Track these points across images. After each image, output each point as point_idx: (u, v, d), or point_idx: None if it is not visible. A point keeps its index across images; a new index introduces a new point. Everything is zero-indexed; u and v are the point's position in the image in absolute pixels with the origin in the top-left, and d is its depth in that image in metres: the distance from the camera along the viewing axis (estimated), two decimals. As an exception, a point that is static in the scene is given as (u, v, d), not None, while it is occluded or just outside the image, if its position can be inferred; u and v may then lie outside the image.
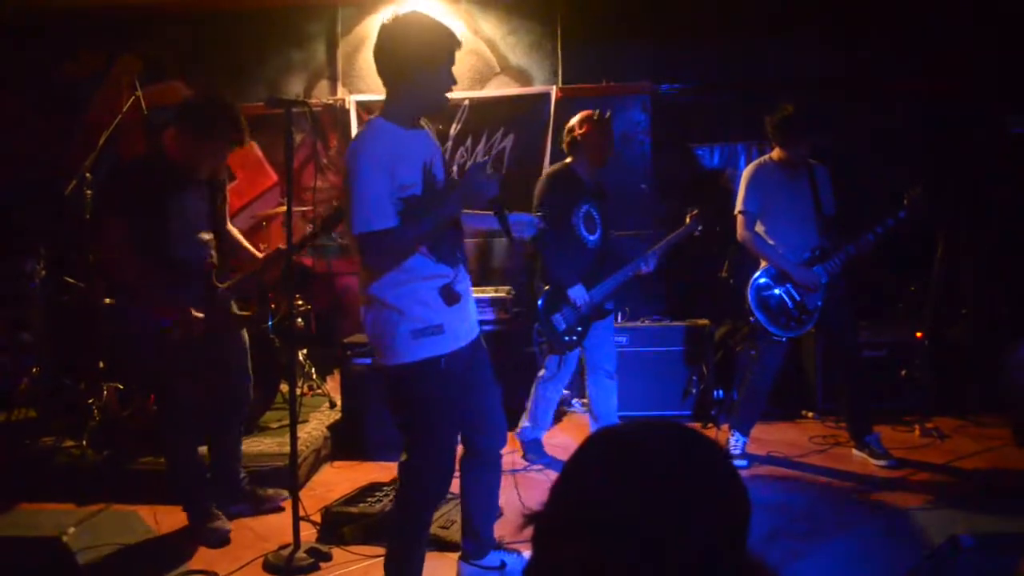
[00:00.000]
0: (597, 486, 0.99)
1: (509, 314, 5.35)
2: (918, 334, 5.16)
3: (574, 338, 4.35)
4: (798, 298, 4.30)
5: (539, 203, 4.34)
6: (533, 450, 4.60)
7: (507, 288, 5.57)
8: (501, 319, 5.30)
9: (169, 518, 3.76)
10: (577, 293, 4.26)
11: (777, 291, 4.33)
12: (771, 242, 4.35)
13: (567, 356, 4.43)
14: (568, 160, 4.45)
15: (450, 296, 2.74)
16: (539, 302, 4.32)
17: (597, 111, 4.45)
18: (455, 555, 3.34)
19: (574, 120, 4.42)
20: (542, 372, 4.54)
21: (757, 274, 4.39)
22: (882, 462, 4.33)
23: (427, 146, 2.79)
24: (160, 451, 3.89)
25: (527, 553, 3.10)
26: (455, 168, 6.16)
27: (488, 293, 5.44)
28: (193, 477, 3.65)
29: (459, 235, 2.90)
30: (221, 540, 3.55)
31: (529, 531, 1.03)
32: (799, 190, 4.35)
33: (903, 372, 5.10)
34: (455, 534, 3.45)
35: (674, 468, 1.00)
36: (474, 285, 5.63)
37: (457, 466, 3.04)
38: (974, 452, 4.50)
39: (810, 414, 5.25)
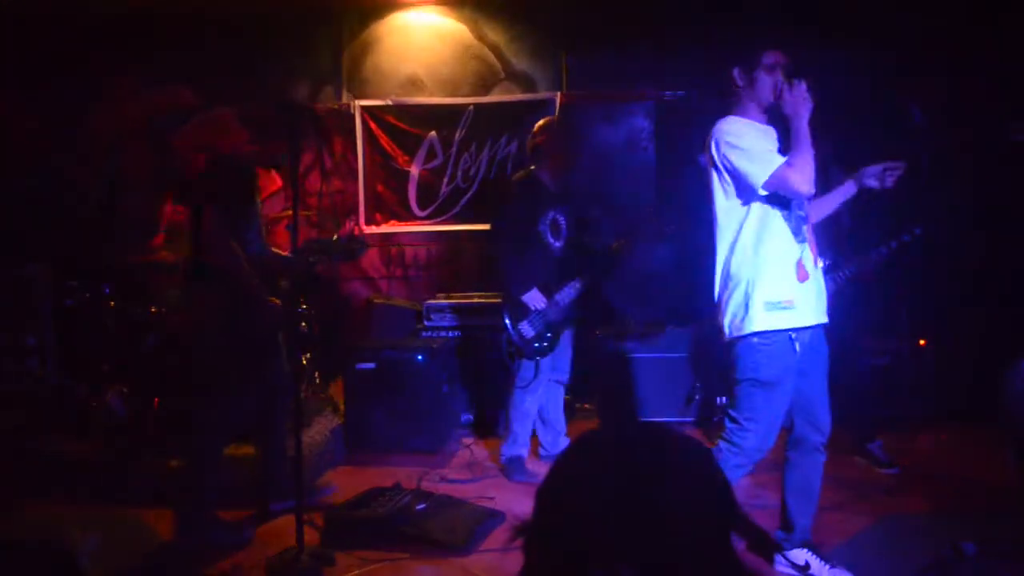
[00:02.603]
0: (579, 491, 1.00)
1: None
2: (922, 341, 5.16)
3: (544, 344, 4.36)
4: None
5: (502, 211, 4.46)
6: (515, 469, 4.44)
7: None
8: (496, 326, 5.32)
9: (171, 523, 3.75)
10: (531, 298, 4.28)
11: None
12: None
13: (541, 363, 4.40)
14: (532, 167, 4.45)
15: (800, 272, 2.93)
16: (505, 310, 4.36)
17: (553, 118, 4.50)
18: (460, 560, 3.35)
19: (536, 126, 4.44)
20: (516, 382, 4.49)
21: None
22: (885, 469, 4.33)
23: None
24: (180, 451, 3.92)
25: (838, 570, 3.11)
26: (459, 174, 6.17)
27: (483, 299, 5.45)
28: (214, 480, 3.66)
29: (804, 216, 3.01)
30: (227, 544, 3.56)
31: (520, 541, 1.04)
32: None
33: (907, 379, 5.09)
34: (459, 539, 3.46)
35: (654, 468, 1.00)
36: (468, 291, 5.66)
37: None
38: (977, 459, 4.49)
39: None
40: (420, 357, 4.89)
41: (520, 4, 6.08)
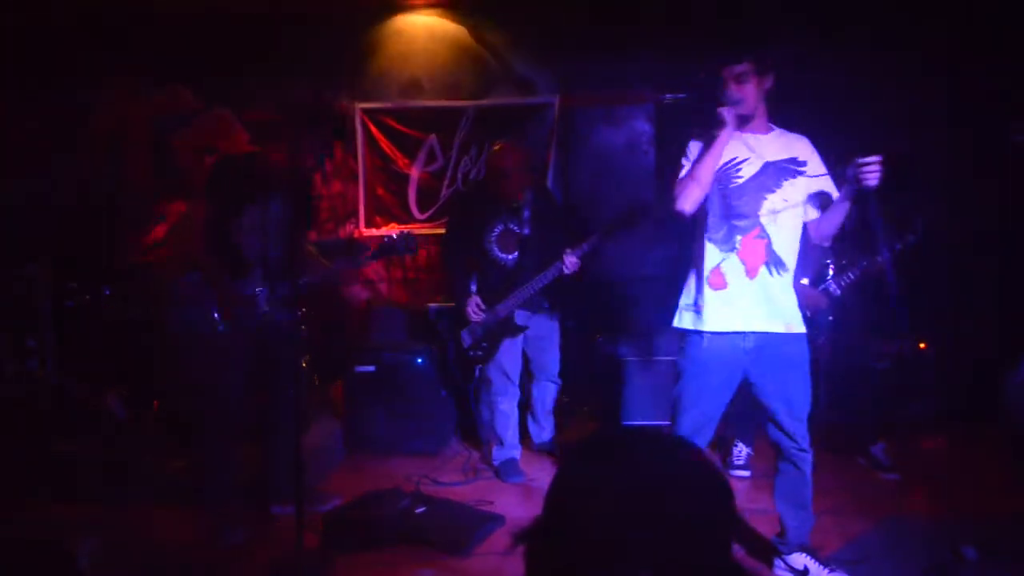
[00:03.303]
0: (582, 495, 1.00)
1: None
2: (922, 345, 5.16)
3: (479, 353, 4.47)
4: (808, 313, 4.28)
5: (447, 222, 4.83)
6: (508, 471, 4.48)
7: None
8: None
9: (171, 523, 3.76)
10: (468, 308, 4.42)
11: None
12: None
13: (493, 365, 4.49)
14: (482, 179, 4.56)
15: (714, 279, 3.05)
16: (448, 318, 4.60)
17: (503, 143, 4.54)
18: (459, 563, 3.35)
19: (495, 145, 4.58)
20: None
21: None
22: (886, 473, 4.32)
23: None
24: (186, 451, 3.93)
25: (837, 574, 3.12)
26: (459, 177, 6.17)
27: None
28: (226, 479, 3.66)
29: (739, 216, 3.05)
30: (233, 545, 3.56)
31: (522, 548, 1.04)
32: None
33: (907, 382, 5.09)
34: (458, 542, 3.45)
35: (656, 472, 1.01)
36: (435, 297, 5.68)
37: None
38: (978, 463, 4.50)
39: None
40: (419, 360, 4.90)
41: (520, 7, 6.08)
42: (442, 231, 6.16)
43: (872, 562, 3.30)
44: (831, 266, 4.33)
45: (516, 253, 4.47)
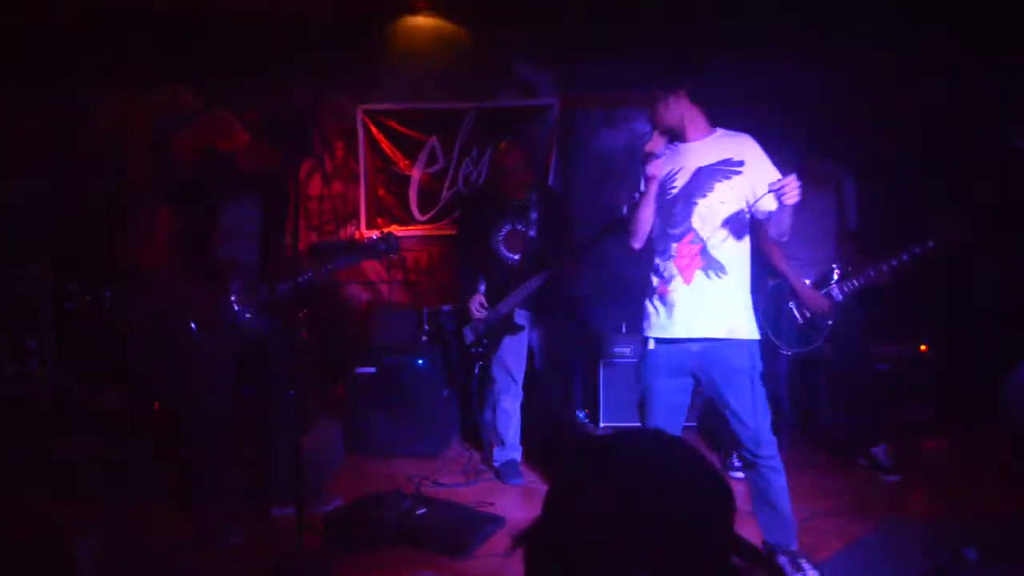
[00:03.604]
0: (583, 498, 1.00)
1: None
2: (923, 347, 5.16)
3: (480, 349, 4.55)
4: (808, 315, 4.28)
5: (458, 224, 5.05)
6: (509, 473, 4.47)
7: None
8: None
9: (171, 523, 3.76)
10: (471, 306, 4.53)
11: (790, 305, 4.31)
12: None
13: (497, 364, 4.51)
14: (487, 181, 4.60)
15: (659, 286, 3.13)
16: (455, 315, 4.75)
17: (507, 142, 4.60)
18: (460, 564, 3.34)
19: (499, 144, 4.67)
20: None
21: (769, 285, 4.36)
22: (887, 475, 4.32)
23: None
24: (179, 453, 3.93)
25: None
26: (460, 179, 6.17)
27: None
28: (222, 480, 3.66)
29: (671, 227, 3.11)
30: (233, 545, 3.56)
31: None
32: (822, 205, 4.33)
33: (908, 385, 5.08)
34: (459, 544, 3.45)
35: (653, 472, 1.01)
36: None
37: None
38: (979, 465, 4.49)
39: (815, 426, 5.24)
40: (420, 362, 4.90)
41: (522, 9, 6.08)
42: (443, 233, 6.21)
43: (872, 563, 3.30)
44: (836, 271, 4.32)
45: (521, 253, 4.50)
